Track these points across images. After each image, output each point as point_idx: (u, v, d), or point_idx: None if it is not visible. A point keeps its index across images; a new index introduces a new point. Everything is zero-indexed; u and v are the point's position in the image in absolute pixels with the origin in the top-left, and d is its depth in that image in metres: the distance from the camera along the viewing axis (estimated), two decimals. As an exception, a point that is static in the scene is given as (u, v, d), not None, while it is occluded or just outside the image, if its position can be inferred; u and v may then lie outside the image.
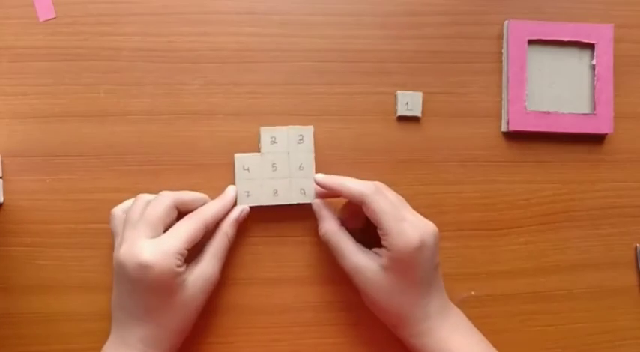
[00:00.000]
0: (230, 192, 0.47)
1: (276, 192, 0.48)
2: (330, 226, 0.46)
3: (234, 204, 0.47)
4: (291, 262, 0.49)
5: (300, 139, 0.48)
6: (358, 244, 0.45)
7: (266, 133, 0.48)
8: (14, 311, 0.47)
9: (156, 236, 0.42)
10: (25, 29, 0.48)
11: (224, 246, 0.46)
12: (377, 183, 0.45)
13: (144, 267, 0.40)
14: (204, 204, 0.46)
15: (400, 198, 0.46)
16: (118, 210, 0.45)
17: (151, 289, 0.41)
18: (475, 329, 0.46)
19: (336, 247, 0.45)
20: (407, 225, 0.43)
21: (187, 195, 0.46)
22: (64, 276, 0.47)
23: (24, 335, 0.47)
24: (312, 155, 0.48)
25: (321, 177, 0.46)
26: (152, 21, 0.48)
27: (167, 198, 0.44)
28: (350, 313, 0.49)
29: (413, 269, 0.43)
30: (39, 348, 0.47)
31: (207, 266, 0.44)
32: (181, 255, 0.42)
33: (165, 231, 0.43)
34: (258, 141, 0.48)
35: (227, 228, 0.46)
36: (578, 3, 0.52)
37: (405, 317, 0.44)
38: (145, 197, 0.45)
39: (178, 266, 0.41)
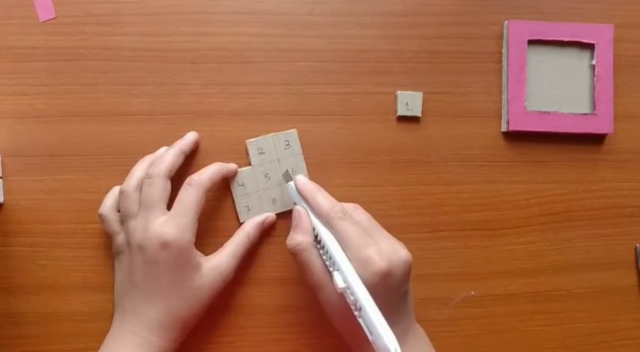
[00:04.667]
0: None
1: (274, 200, 0.48)
2: (307, 239, 0.43)
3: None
4: (291, 262, 0.49)
5: (286, 145, 0.48)
6: (325, 264, 0.42)
7: (252, 145, 0.48)
8: (14, 311, 0.47)
9: (164, 214, 0.43)
10: (25, 29, 0.48)
11: (244, 245, 0.47)
12: (349, 205, 0.44)
13: (165, 245, 0.42)
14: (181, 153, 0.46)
15: (372, 221, 0.44)
16: (107, 210, 0.46)
17: (169, 268, 0.42)
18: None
19: (306, 262, 0.43)
20: (372, 251, 0.40)
21: (170, 162, 0.45)
22: (64, 276, 0.47)
23: (24, 335, 0.47)
24: (302, 157, 0.48)
25: (301, 180, 0.45)
26: (152, 21, 0.49)
27: (160, 178, 0.44)
28: (350, 313, 0.49)
29: (377, 298, 0.39)
30: (39, 348, 0.47)
31: (223, 260, 0.45)
32: (194, 227, 0.44)
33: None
34: (247, 154, 0.48)
35: (250, 229, 0.47)
36: (578, 3, 0.52)
37: (362, 340, 0.40)
38: (128, 186, 0.45)
39: (192, 241, 0.43)
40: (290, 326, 0.49)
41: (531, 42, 0.51)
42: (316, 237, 0.43)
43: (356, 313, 0.39)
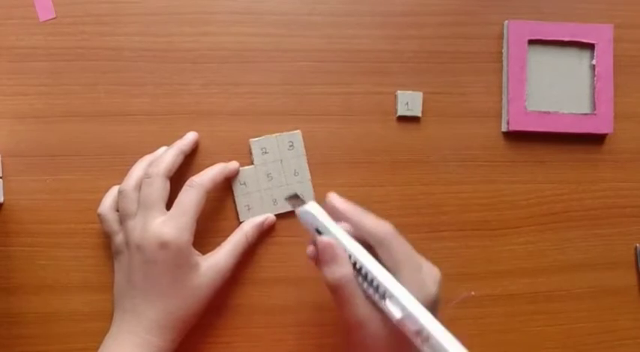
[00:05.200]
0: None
1: (275, 201, 0.48)
2: (347, 271, 0.39)
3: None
4: (291, 262, 0.49)
5: (290, 145, 0.48)
6: (368, 294, 0.39)
7: (256, 145, 0.48)
8: (14, 311, 0.47)
9: (163, 214, 0.43)
10: (25, 29, 0.48)
11: (241, 245, 0.47)
12: (389, 224, 0.40)
13: (164, 245, 0.42)
14: (181, 152, 0.46)
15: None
16: (106, 209, 0.46)
17: (167, 268, 0.42)
18: None
19: (349, 296, 0.38)
20: (425, 275, 0.39)
21: (169, 162, 0.45)
22: (64, 276, 0.47)
23: (24, 335, 0.47)
24: (305, 159, 0.48)
25: (337, 200, 0.41)
26: (152, 21, 0.49)
27: (159, 178, 0.44)
28: (350, 313, 0.49)
29: None
30: (39, 348, 0.47)
31: (221, 259, 0.45)
32: (193, 228, 0.43)
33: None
34: (250, 153, 0.48)
35: (249, 229, 0.47)
36: (578, 3, 0.52)
37: None
38: (126, 186, 0.45)
39: (191, 241, 0.43)
40: (289, 326, 0.49)
41: (531, 42, 0.51)
42: (354, 265, 0.39)
43: (418, 341, 0.36)
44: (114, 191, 0.46)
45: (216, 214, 0.48)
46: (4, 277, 0.47)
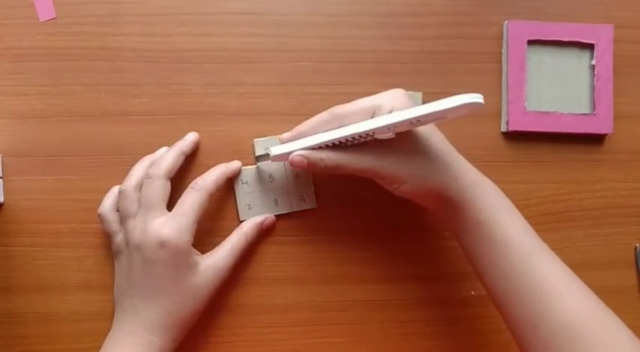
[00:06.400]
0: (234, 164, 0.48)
1: (276, 201, 0.48)
2: (326, 153, 0.43)
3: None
4: (291, 262, 0.49)
5: None
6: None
7: (259, 145, 0.48)
8: (14, 311, 0.47)
9: (163, 215, 0.43)
10: (25, 29, 0.48)
11: (241, 245, 0.47)
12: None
13: (163, 245, 0.42)
14: (180, 154, 0.46)
15: None
16: (106, 210, 0.46)
17: (166, 268, 0.42)
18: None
19: (370, 170, 0.43)
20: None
21: (170, 163, 0.45)
22: (64, 276, 0.47)
23: (24, 335, 0.47)
24: None
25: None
26: (152, 21, 0.49)
27: (159, 179, 0.44)
28: (350, 313, 0.49)
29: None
30: (39, 348, 0.47)
31: (220, 259, 0.45)
32: (193, 229, 0.44)
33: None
34: (253, 153, 0.48)
35: (248, 229, 0.47)
36: (578, 3, 0.52)
37: (438, 188, 0.43)
38: (127, 186, 0.45)
39: (190, 242, 0.43)
40: (290, 326, 0.49)
41: (531, 42, 0.51)
42: (334, 146, 0.43)
43: (416, 125, 0.41)
44: (114, 191, 0.46)
45: (216, 213, 0.48)
46: (4, 277, 0.47)
